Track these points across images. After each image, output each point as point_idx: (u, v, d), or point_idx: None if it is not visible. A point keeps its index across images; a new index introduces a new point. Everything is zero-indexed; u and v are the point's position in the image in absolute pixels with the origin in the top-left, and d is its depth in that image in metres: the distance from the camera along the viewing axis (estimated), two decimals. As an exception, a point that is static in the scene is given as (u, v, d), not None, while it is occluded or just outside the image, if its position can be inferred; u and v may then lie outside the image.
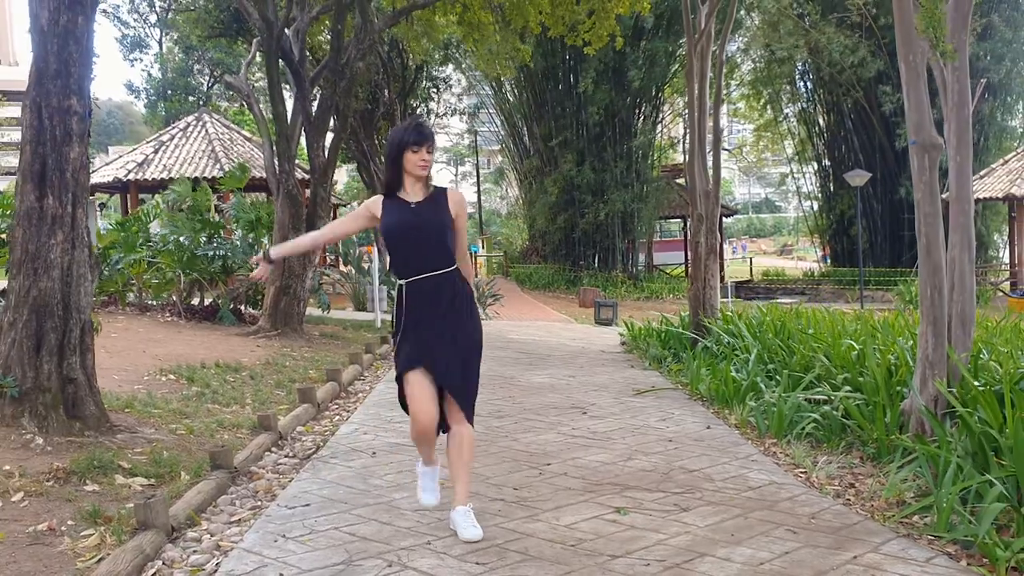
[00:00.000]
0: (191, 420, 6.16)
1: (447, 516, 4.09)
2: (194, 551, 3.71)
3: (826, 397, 6.27)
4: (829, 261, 35.83)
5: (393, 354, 4.07)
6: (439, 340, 3.84)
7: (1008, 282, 25.88)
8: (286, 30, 11.76)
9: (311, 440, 6.03)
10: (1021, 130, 31.33)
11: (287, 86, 15.59)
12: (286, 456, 5.54)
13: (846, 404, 5.82)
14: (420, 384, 3.83)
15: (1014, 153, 26.68)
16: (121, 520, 3.89)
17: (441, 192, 3.99)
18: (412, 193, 3.93)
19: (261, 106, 12.93)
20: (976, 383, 5.07)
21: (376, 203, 3.96)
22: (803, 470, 5.16)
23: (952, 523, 3.92)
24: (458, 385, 3.88)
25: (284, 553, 3.63)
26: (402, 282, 3.89)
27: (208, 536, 3.91)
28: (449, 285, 3.86)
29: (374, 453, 5.54)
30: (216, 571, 3.45)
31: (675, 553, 3.61)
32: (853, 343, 7.23)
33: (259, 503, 4.47)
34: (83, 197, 5.52)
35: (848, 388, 6.24)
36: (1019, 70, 28.55)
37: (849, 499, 4.57)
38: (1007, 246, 28.62)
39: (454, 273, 3.90)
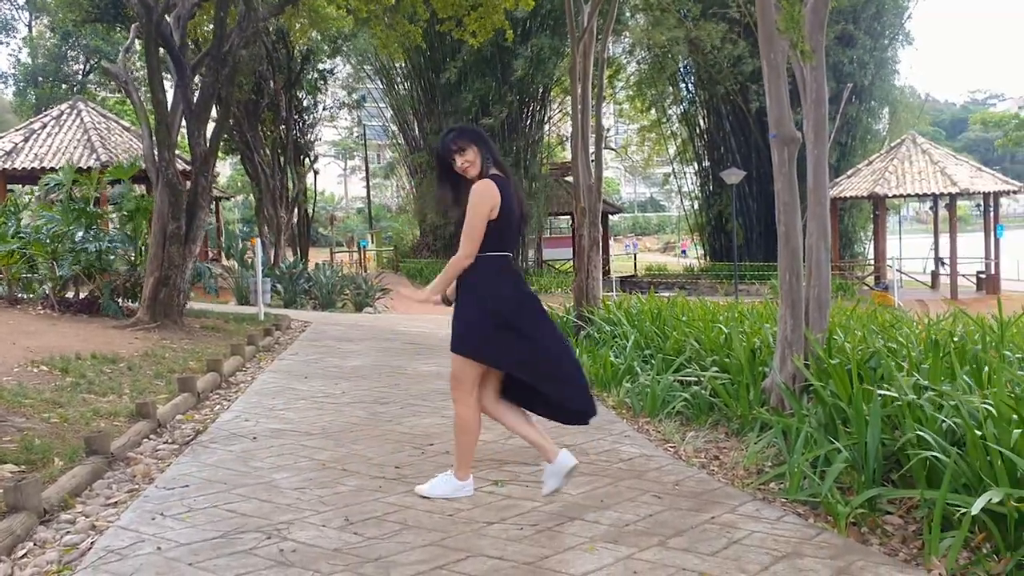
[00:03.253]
0: (65, 409, 6.02)
1: (327, 495, 4.18)
2: (68, 532, 3.68)
3: (696, 378, 6.60)
4: (699, 255, 37.12)
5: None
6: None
7: (872, 276, 27.38)
8: (167, 16, 11.49)
9: (191, 427, 5.97)
10: (884, 133, 33.20)
11: (168, 74, 15.17)
12: (165, 443, 5.48)
13: (713, 384, 6.15)
14: None
15: (877, 154, 28.29)
16: (-10, 504, 3.82)
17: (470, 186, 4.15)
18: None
19: (141, 94, 12.58)
20: (831, 360, 5.45)
21: None
22: (672, 445, 5.45)
23: (803, 486, 4.23)
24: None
25: (162, 529, 3.65)
26: None
27: (83, 518, 3.88)
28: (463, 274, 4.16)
29: (255, 438, 5.55)
30: (91, 548, 3.44)
31: (547, 518, 3.80)
32: (723, 328, 7.61)
33: (137, 486, 4.44)
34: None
35: (716, 369, 6.58)
36: (882, 75, 30.27)
37: (713, 469, 4.86)
38: (871, 242, 30.28)
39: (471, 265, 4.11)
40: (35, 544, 3.53)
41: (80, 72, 33.67)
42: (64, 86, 32.14)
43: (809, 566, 3.22)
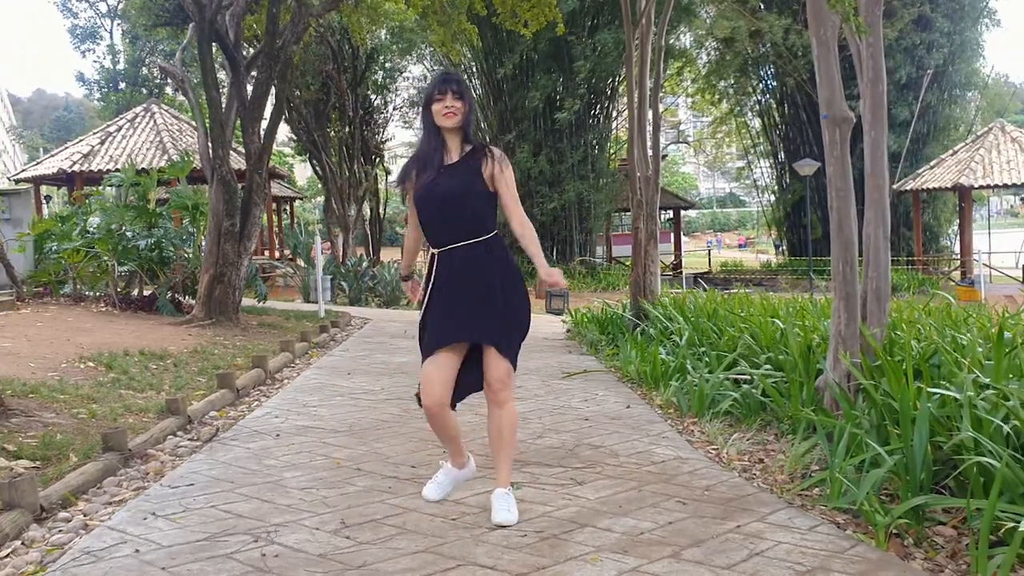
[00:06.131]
0: (97, 405, 5.98)
1: (332, 496, 3.99)
2: (59, 531, 3.56)
3: (749, 376, 6.23)
4: (777, 251, 36.09)
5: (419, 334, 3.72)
6: (475, 306, 3.58)
7: (958, 271, 26.18)
8: (226, 15, 11.55)
9: (220, 424, 5.88)
10: (968, 121, 31.68)
11: (224, 72, 15.32)
12: (189, 439, 5.38)
13: (764, 382, 5.78)
14: (436, 363, 3.55)
15: (962, 144, 27.01)
16: (-14, 501, 3.74)
17: (479, 150, 3.60)
18: (450, 154, 3.61)
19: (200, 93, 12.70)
20: (887, 357, 5.04)
21: (411, 176, 3.65)
22: (715, 447, 5.11)
23: (845, 493, 3.87)
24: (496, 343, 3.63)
25: (149, 530, 3.50)
26: (433, 251, 3.64)
27: (81, 516, 3.76)
28: (480, 256, 3.59)
29: (278, 435, 5.41)
30: (70, 549, 3.31)
31: (556, 524, 3.53)
32: (779, 323, 7.20)
33: (146, 484, 4.32)
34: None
35: (769, 366, 6.21)
36: (963, 60, 28.87)
37: (754, 474, 4.52)
38: (957, 236, 28.98)
39: (484, 243, 3.60)
40: (23, 543, 3.42)
41: (157, 76, 34.53)
42: (144, 90, 32.98)
43: (835, 584, 2.89)
